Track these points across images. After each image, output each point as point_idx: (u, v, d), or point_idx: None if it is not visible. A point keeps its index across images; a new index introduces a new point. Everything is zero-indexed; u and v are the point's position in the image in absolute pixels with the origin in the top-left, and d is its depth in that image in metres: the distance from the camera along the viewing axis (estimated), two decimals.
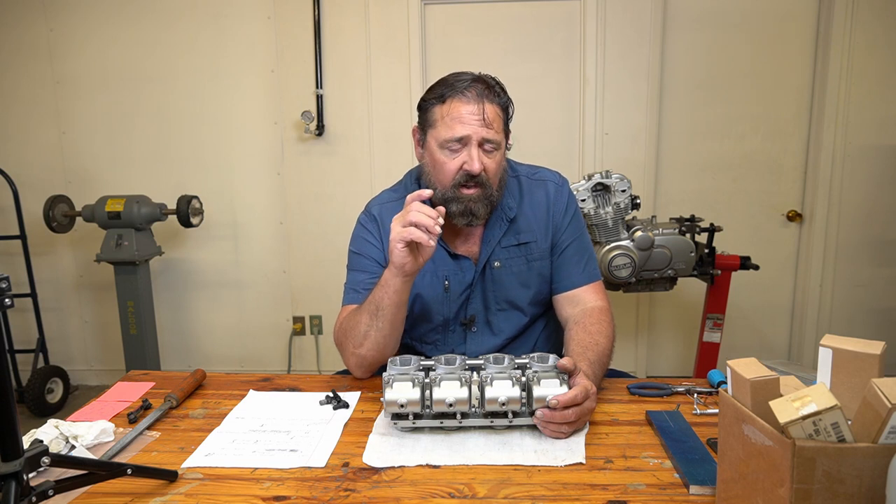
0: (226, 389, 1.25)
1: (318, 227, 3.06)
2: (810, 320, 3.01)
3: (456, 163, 1.21)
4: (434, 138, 1.23)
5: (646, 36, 2.84)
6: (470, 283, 1.32)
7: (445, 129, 1.20)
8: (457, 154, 1.21)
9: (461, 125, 1.18)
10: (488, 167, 1.21)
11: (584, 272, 1.34)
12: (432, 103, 1.23)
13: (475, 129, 1.18)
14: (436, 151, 1.23)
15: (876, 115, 2.84)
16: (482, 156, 1.20)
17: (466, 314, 1.34)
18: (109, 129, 3.04)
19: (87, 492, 0.87)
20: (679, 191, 3.00)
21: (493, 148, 1.22)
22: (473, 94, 1.19)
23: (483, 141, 1.20)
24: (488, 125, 1.19)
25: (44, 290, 3.03)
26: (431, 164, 1.25)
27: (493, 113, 1.20)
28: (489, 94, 1.20)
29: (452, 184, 1.22)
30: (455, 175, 1.21)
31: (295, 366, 3.19)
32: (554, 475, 0.90)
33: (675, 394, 1.17)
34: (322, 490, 0.87)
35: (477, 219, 1.24)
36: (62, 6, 2.94)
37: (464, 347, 1.35)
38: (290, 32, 2.92)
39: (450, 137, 1.19)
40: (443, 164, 1.22)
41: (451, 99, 1.20)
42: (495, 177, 1.24)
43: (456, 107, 1.19)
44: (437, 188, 1.24)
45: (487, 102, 1.19)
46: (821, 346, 0.72)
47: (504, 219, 1.32)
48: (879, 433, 0.60)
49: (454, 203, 1.22)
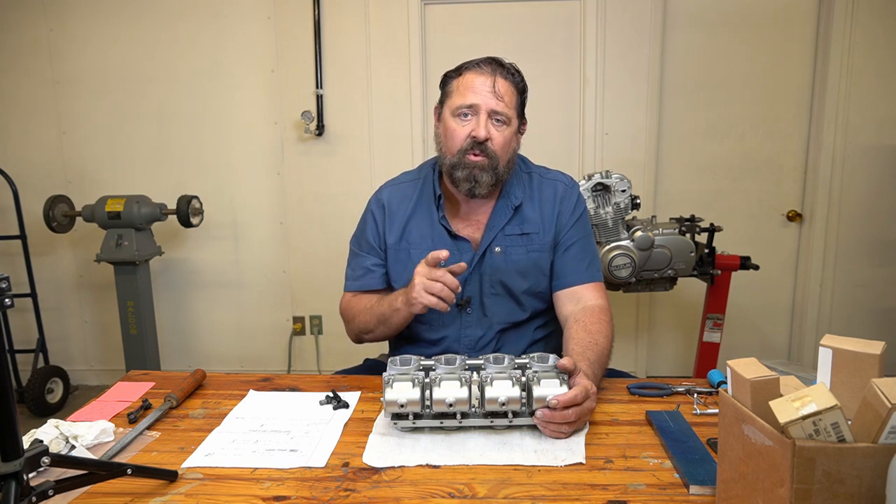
0: (226, 389, 1.25)
1: (318, 227, 3.06)
2: (810, 320, 3.01)
3: (465, 129, 1.28)
4: (448, 107, 1.31)
5: (646, 36, 2.84)
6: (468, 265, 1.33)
7: (458, 96, 1.28)
8: (467, 122, 1.28)
9: (472, 93, 1.26)
10: (495, 138, 1.27)
11: (587, 271, 1.35)
12: (451, 77, 1.33)
13: (485, 99, 1.26)
14: (448, 119, 1.30)
15: (876, 115, 2.84)
16: (490, 126, 1.27)
17: (462, 295, 1.35)
18: (109, 129, 3.04)
19: (87, 492, 0.87)
20: (679, 191, 3.00)
21: (502, 121, 1.28)
22: (488, 68, 1.28)
23: (492, 112, 1.26)
24: (499, 97, 1.26)
25: (44, 290, 3.03)
26: (444, 132, 1.32)
27: (504, 87, 1.27)
28: (502, 71, 1.29)
29: (460, 149, 1.28)
30: (463, 141, 1.27)
31: (295, 366, 3.19)
32: (554, 475, 0.90)
33: (675, 394, 1.17)
34: (322, 490, 0.87)
35: (479, 186, 1.29)
36: (62, 6, 2.94)
37: (458, 329, 1.36)
38: (290, 32, 2.92)
39: (461, 104, 1.27)
40: (453, 131, 1.29)
41: (466, 71, 1.30)
42: (502, 150, 1.29)
43: (470, 78, 1.28)
44: (447, 157, 1.31)
45: (500, 77, 1.27)
46: (821, 346, 0.72)
47: (510, 206, 1.35)
48: (879, 433, 0.60)
49: (459, 169, 1.29)
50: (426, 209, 1.39)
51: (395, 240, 1.39)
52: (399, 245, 1.39)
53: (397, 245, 1.39)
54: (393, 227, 1.39)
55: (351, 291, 1.45)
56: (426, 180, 1.42)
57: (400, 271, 1.38)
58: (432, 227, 1.37)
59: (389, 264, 1.40)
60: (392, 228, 1.39)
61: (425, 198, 1.40)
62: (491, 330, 1.36)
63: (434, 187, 1.38)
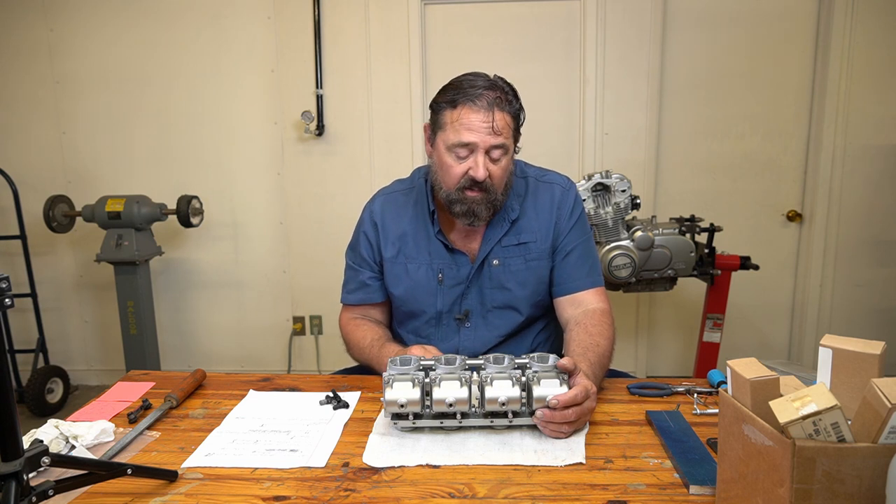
0: (226, 389, 1.25)
1: (318, 227, 3.06)
2: (810, 320, 3.01)
3: (462, 168, 1.22)
4: (443, 141, 1.23)
5: (646, 36, 2.84)
6: (465, 278, 1.33)
7: (454, 133, 1.20)
8: (463, 160, 1.22)
9: (469, 132, 1.19)
10: (493, 173, 1.22)
11: (588, 277, 1.34)
12: (443, 106, 1.23)
13: (483, 138, 1.19)
14: (444, 154, 1.24)
15: (876, 115, 2.84)
16: (488, 163, 1.21)
17: (461, 309, 1.34)
18: (109, 129, 3.04)
19: (87, 492, 0.87)
20: (679, 191, 3.00)
21: (500, 154, 1.22)
22: (485, 102, 1.19)
23: (491, 148, 1.21)
24: (497, 133, 1.19)
25: (44, 290, 3.03)
26: (439, 164, 1.26)
27: (502, 121, 1.20)
28: (500, 103, 1.20)
29: (457, 186, 1.23)
30: (460, 179, 1.23)
31: (295, 366, 3.19)
32: (554, 475, 0.90)
33: (675, 394, 1.17)
34: (322, 490, 0.87)
35: (479, 220, 1.26)
36: (62, 6, 2.94)
37: (457, 343, 1.35)
38: (290, 32, 2.92)
39: (457, 142, 1.20)
40: (449, 168, 1.23)
41: (462, 105, 1.20)
42: (500, 182, 1.25)
43: (466, 114, 1.19)
44: (443, 188, 1.26)
45: (498, 110, 1.19)
46: (821, 346, 0.72)
47: (506, 219, 1.33)
48: (879, 433, 0.60)
49: (458, 204, 1.25)
50: (422, 222, 1.35)
51: (392, 254, 1.36)
52: (396, 259, 1.36)
53: (394, 259, 1.36)
54: (388, 241, 1.37)
55: (348, 304, 1.44)
56: (419, 192, 1.38)
57: (397, 282, 1.37)
58: (429, 241, 1.34)
59: (386, 276, 1.39)
60: (387, 243, 1.37)
61: (420, 211, 1.36)
62: (490, 342, 1.36)
63: (428, 201, 1.34)
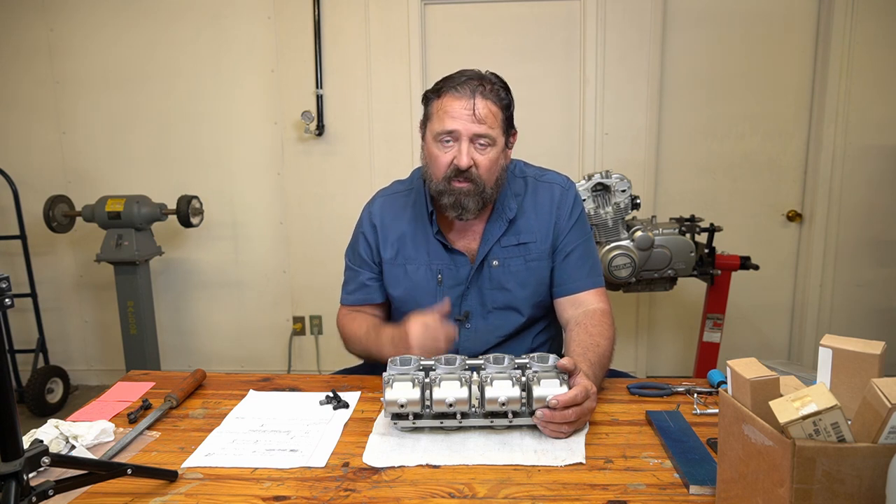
0: (226, 389, 1.25)
1: (318, 227, 3.06)
2: (810, 320, 3.01)
3: (447, 157, 1.23)
4: (430, 131, 1.26)
5: (646, 36, 2.84)
6: (465, 278, 1.33)
7: (438, 122, 1.23)
8: (449, 149, 1.23)
9: (451, 119, 1.20)
10: (479, 163, 1.22)
11: (589, 277, 1.33)
12: (430, 98, 1.26)
13: (465, 125, 1.20)
14: (431, 144, 1.25)
15: (876, 114, 2.84)
16: (473, 151, 1.22)
17: (461, 310, 1.34)
18: (109, 129, 3.04)
19: (87, 492, 0.87)
20: (679, 191, 3.00)
21: (486, 144, 1.22)
22: (467, 90, 1.20)
23: (474, 136, 1.21)
24: (479, 121, 1.20)
25: (44, 290, 3.03)
26: (428, 156, 1.28)
27: (485, 109, 1.20)
28: (483, 91, 1.21)
29: (444, 177, 1.24)
30: (446, 169, 1.23)
31: (295, 366, 3.19)
32: (554, 475, 0.89)
33: (675, 394, 1.17)
34: (322, 490, 0.87)
35: (467, 212, 1.26)
36: (62, 6, 2.94)
37: (457, 343, 1.35)
38: (290, 32, 2.92)
39: (440, 130, 1.22)
40: (436, 158, 1.24)
41: (445, 93, 1.23)
42: (488, 173, 1.24)
43: (448, 101, 1.21)
44: (433, 181, 1.27)
45: (480, 98, 1.20)
46: (821, 346, 0.72)
47: (504, 218, 1.32)
48: (879, 433, 0.60)
49: (445, 195, 1.25)
50: (420, 223, 1.35)
51: (391, 255, 1.37)
52: (395, 260, 1.36)
53: (393, 260, 1.37)
54: (387, 242, 1.37)
55: (347, 305, 1.44)
56: (418, 192, 1.38)
57: (396, 283, 1.37)
58: (428, 242, 1.34)
59: (385, 277, 1.39)
60: (386, 244, 1.37)
61: (419, 211, 1.36)
62: (490, 342, 1.35)
63: (426, 202, 1.34)
